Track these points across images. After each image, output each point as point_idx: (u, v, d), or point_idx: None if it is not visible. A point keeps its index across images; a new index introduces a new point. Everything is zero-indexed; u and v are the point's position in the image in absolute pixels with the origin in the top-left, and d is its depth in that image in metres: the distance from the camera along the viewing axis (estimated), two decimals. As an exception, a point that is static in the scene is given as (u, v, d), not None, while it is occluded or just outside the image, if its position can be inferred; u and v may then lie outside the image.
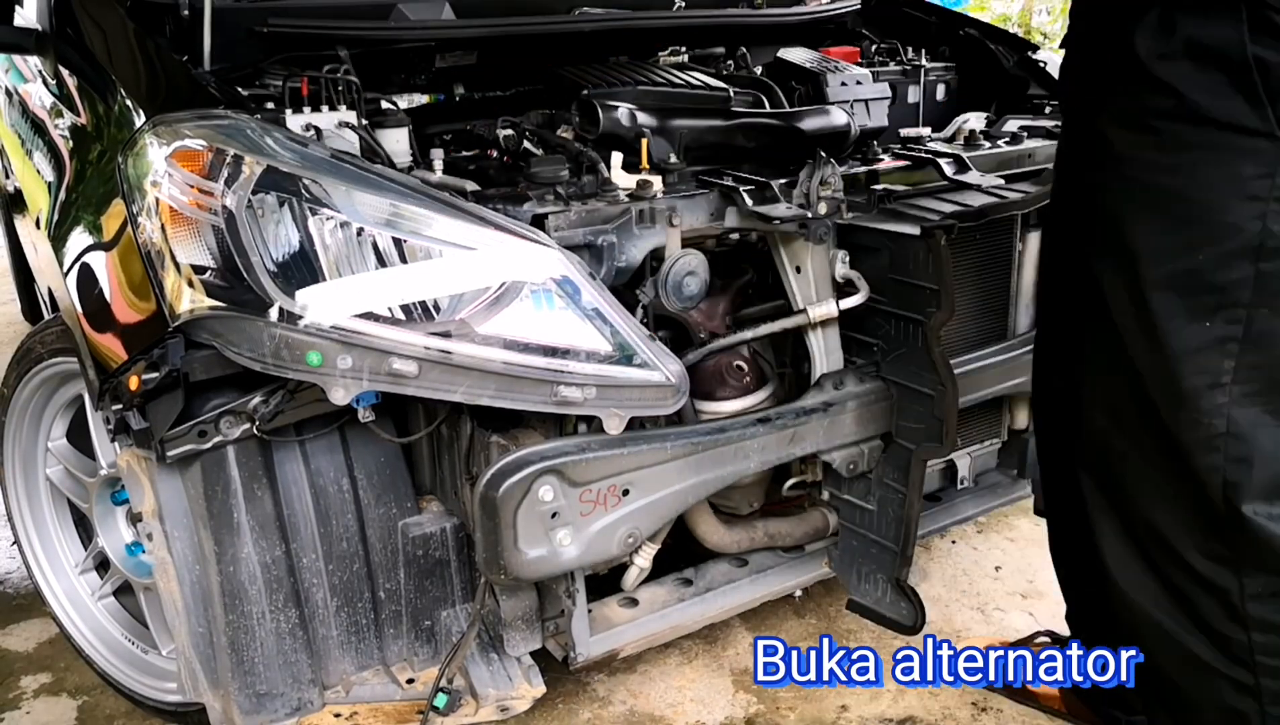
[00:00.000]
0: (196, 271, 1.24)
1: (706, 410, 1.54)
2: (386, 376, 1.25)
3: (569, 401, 1.31)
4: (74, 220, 1.49)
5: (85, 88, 1.58)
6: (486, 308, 1.27)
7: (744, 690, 1.86)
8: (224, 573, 1.38)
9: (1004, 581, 2.16)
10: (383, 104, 1.69)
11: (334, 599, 1.47)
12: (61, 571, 1.90)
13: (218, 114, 1.33)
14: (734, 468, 1.47)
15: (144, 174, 1.30)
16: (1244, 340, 1.03)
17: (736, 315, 1.62)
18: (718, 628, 2.01)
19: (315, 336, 1.22)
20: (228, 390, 1.34)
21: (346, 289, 1.24)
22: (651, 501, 1.41)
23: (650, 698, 1.84)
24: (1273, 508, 1.09)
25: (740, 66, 2.16)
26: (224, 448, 1.36)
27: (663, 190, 1.46)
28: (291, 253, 1.24)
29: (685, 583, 1.69)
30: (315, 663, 1.46)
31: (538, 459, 1.33)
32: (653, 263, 1.46)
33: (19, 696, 1.89)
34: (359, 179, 1.28)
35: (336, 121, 1.42)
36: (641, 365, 1.33)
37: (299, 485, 1.44)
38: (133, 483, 1.41)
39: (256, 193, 1.24)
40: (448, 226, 1.28)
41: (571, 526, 1.37)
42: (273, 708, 1.42)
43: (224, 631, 1.39)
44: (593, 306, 1.31)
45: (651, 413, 1.37)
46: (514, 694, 1.53)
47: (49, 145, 1.73)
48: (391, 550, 1.50)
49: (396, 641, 1.53)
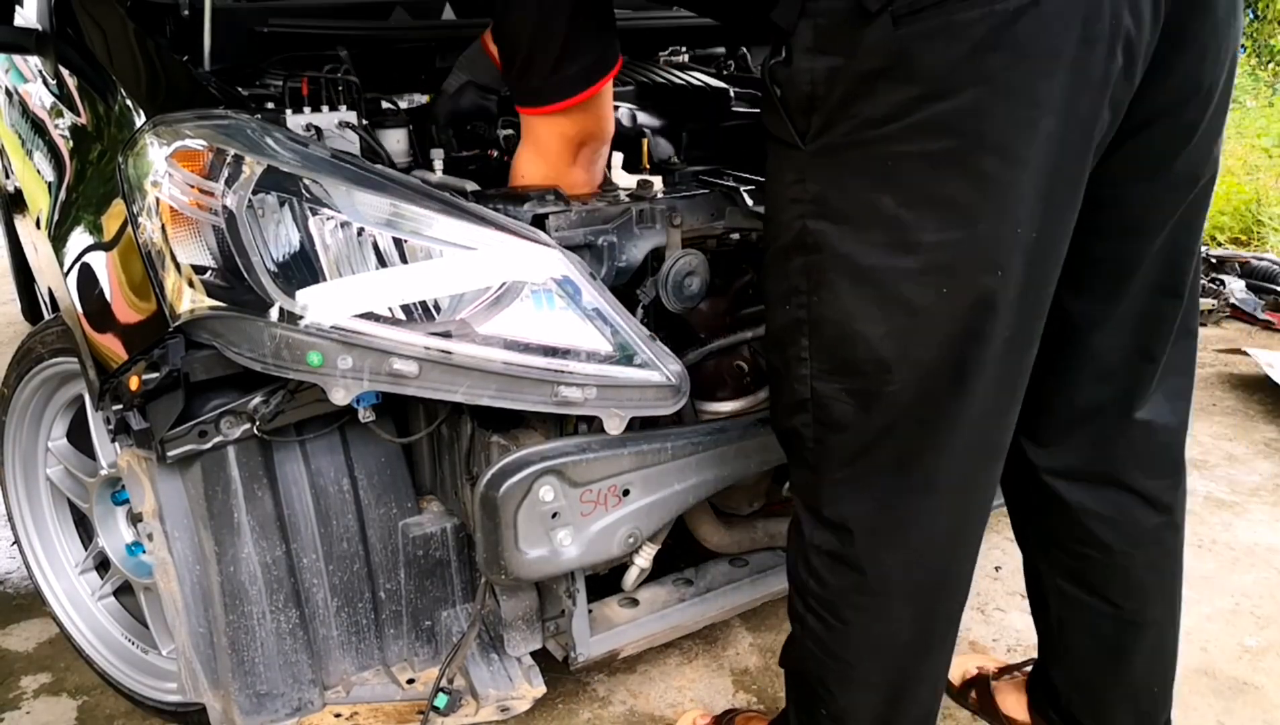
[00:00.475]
0: (197, 271, 1.24)
1: (707, 410, 1.54)
2: (387, 377, 1.25)
3: (569, 402, 1.31)
4: (74, 220, 1.49)
5: (85, 88, 1.58)
6: (487, 308, 1.27)
7: (744, 690, 1.86)
8: (224, 573, 1.38)
9: (1004, 581, 2.16)
10: (383, 104, 1.69)
11: (334, 599, 1.47)
12: (62, 571, 1.90)
13: (218, 114, 1.33)
14: (734, 468, 1.47)
15: (144, 174, 1.30)
16: (810, 322, 1.15)
17: (737, 315, 1.62)
18: (718, 628, 2.01)
19: (316, 336, 1.22)
20: (228, 390, 1.34)
21: (347, 289, 1.24)
22: (652, 502, 1.41)
23: (650, 698, 1.84)
24: (840, 473, 1.20)
25: (740, 66, 2.16)
26: (224, 448, 1.36)
27: (663, 190, 1.46)
28: (292, 253, 1.24)
29: (686, 583, 1.69)
30: (315, 663, 1.46)
31: (538, 459, 1.33)
32: (653, 263, 1.46)
33: (19, 696, 1.89)
34: (359, 179, 1.28)
35: (337, 121, 1.42)
36: (642, 365, 1.33)
37: (299, 485, 1.44)
38: (133, 483, 1.41)
39: (257, 193, 1.24)
40: (448, 226, 1.28)
41: (572, 527, 1.37)
42: (273, 708, 1.42)
43: (224, 632, 1.39)
44: (593, 306, 1.31)
45: (652, 413, 1.37)
46: (514, 694, 1.53)
47: (49, 145, 1.73)
48: (392, 550, 1.50)
49: (397, 642, 1.53)
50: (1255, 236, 4.86)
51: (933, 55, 0.99)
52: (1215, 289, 3.89)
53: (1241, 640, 1.98)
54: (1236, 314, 3.88)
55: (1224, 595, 2.13)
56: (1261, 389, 3.21)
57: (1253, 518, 2.45)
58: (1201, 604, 2.09)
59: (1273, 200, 5.03)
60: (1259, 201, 4.98)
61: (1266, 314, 3.83)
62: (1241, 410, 3.09)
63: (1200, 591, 2.13)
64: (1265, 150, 5.80)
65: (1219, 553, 2.29)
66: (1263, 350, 3.34)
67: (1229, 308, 3.88)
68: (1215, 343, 3.66)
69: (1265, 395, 3.17)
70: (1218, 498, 2.55)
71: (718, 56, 2.22)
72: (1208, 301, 3.83)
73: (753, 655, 1.96)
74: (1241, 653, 1.95)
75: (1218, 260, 4.13)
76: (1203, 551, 2.30)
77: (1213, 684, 1.86)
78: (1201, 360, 3.51)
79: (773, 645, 1.98)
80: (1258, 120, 6.40)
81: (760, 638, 2.00)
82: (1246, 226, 4.90)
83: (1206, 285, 3.89)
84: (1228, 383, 3.31)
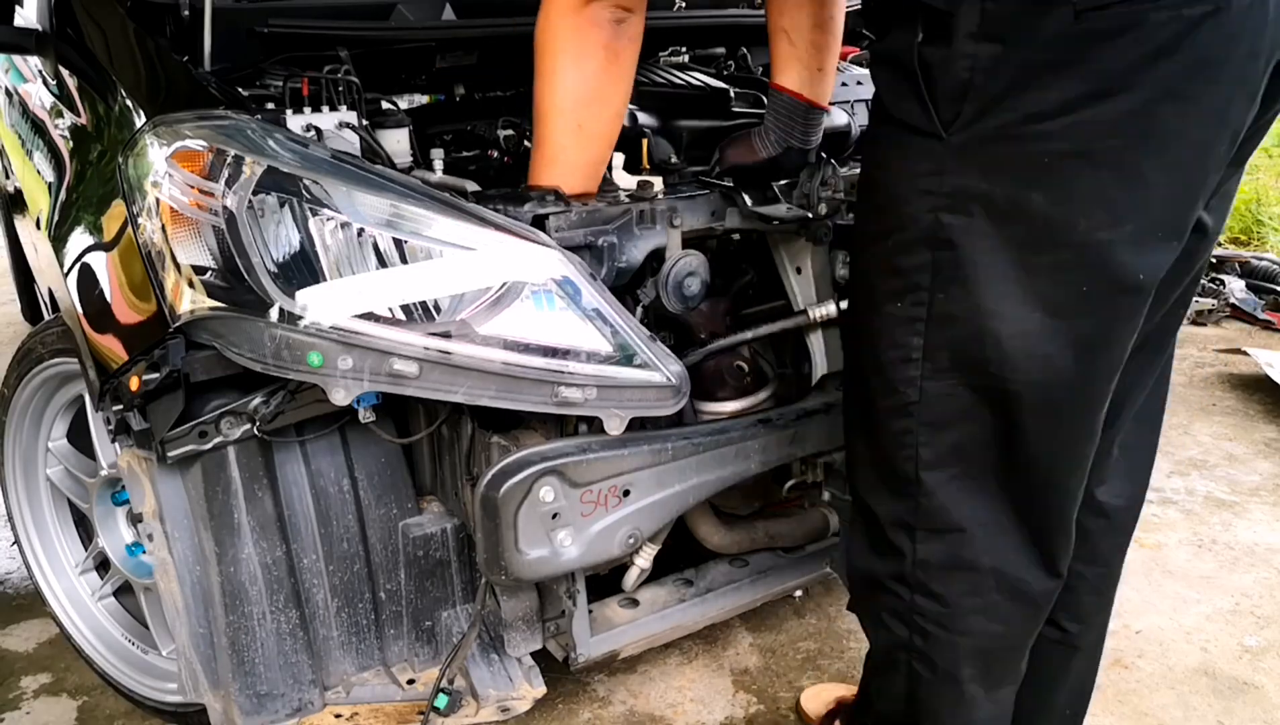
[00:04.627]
0: (197, 272, 1.24)
1: (707, 411, 1.54)
2: (387, 377, 1.25)
3: (570, 402, 1.31)
4: (74, 221, 1.49)
5: (85, 88, 1.58)
6: (487, 308, 1.27)
7: (744, 690, 1.86)
8: (224, 573, 1.38)
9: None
10: (383, 104, 1.69)
11: (334, 599, 1.47)
12: (62, 572, 1.90)
13: (218, 114, 1.33)
14: (735, 468, 1.47)
15: (144, 174, 1.30)
16: (928, 320, 1.12)
17: (737, 315, 1.62)
18: (718, 628, 2.01)
19: (316, 337, 1.22)
20: (228, 391, 1.33)
21: (347, 289, 1.24)
22: (652, 502, 1.41)
23: (650, 698, 1.84)
24: (946, 472, 1.17)
25: (741, 67, 2.15)
26: (225, 448, 1.36)
27: (663, 191, 1.46)
28: (292, 253, 1.24)
29: (686, 583, 1.69)
30: (316, 663, 1.46)
31: (539, 460, 1.33)
32: (653, 263, 1.46)
33: (19, 697, 1.89)
34: (360, 179, 1.28)
35: (337, 122, 1.42)
36: (642, 366, 1.33)
37: (299, 486, 1.43)
38: (133, 483, 1.41)
39: (257, 193, 1.23)
40: (448, 227, 1.28)
41: (572, 527, 1.37)
42: (273, 708, 1.42)
43: (224, 632, 1.39)
44: (593, 307, 1.31)
45: (652, 413, 1.37)
46: (515, 694, 1.53)
47: (49, 145, 1.73)
48: (392, 551, 1.50)
49: (397, 642, 1.53)
50: (1255, 236, 4.87)
51: (1113, 53, 0.97)
52: (1215, 289, 3.89)
53: (1241, 640, 1.98)
54: (1236, 314, 3.89)
55: (1224, 595, 2.13)
56: (1261, 389, 3.21)
57: (1253, 518, 2.45)
58: (1201, 604, 2.09)
59: (1273, 200, 5.03)
60: (1259, 201, 4.98)
61: (1266, 314, 3.83)
62: (1241, 410, 3.09)
63: (1200, 591, 2.13)
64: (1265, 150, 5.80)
65: (1219, 553, 2.29)
66: (1263, 350, 3.34)
67: (1229, 308, 3.88)
68: (1215, 343, 3.66)
69: (1265, 395, 3.17)
70: (1218, 498, 2.55)
71: (718, 56, 2.22)
72: (1208, 301, 3.83)
73: (753, 655, 1.96)
74: (1241, 653, 1.95)
75: (1218, 260, 4.13)
76: (1203, 551, 2.30)
77: (1213, 684, 1.86)
78: (1201, 360, 3.51)
79: (773, 645, 1.98)
80: (1258, 120, 6.39)
81: (760, 638, 2.00)
82: (1246, 226, 4.91)
83: (1206, 285, 3.90)
84: (1228, 383, 3.31)
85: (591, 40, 1.30)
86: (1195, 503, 2.52)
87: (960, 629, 1.22)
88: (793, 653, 1.96)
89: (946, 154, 1.06)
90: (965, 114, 1.04)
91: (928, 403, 1.14)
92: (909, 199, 1.10)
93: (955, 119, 1.04)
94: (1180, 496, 2.56)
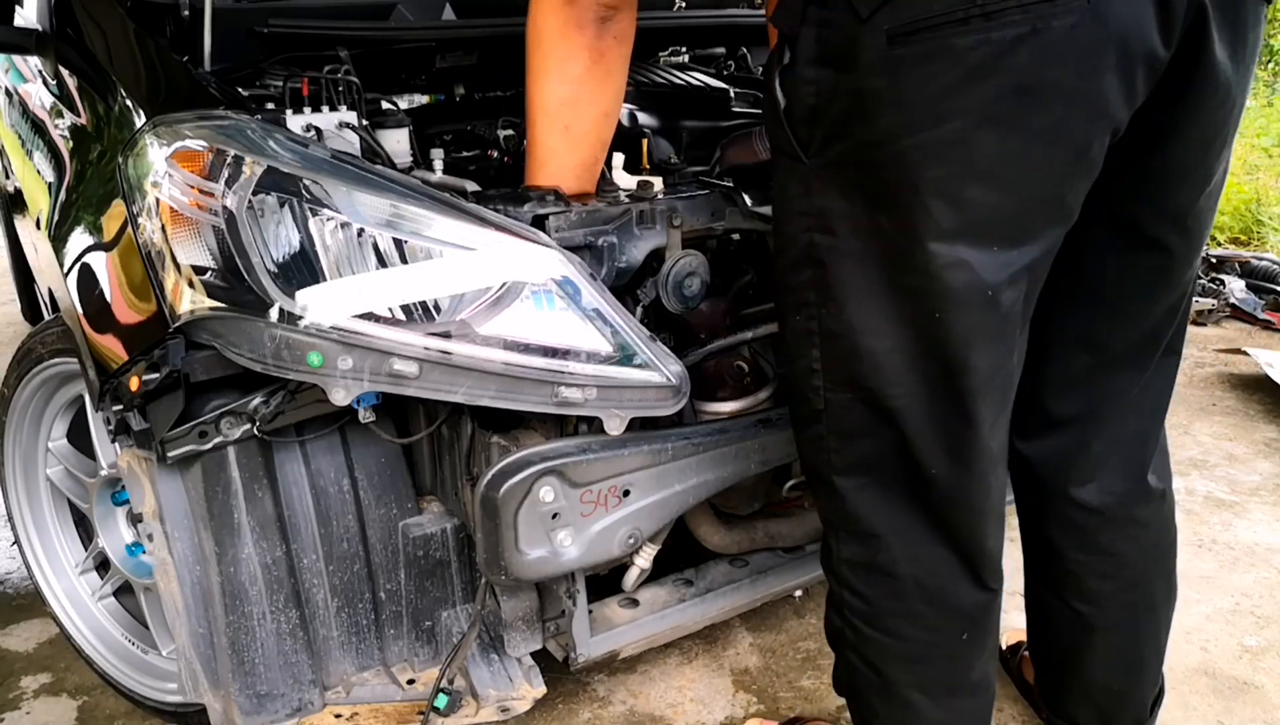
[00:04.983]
0: (197, 272, 1.24)
1: (707, 411, 1.54)
2: (387, 377, 1.25)
3: (570, 402, 1.31)
4: (74, 221, 1.49)
5: (85, 88, 1.58)
6: (487, 308, 1.27)
7: (744, 690, 1.86)
8: (224, 573, 1.38)
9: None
10: (383, 104, 1.69)
11: (334, 600, 1.47)
12: (62, 572, 1.90)
13: (218, 114, 1.33)
14: (735, 468, 1.47)
15: (144, 174, 1.30)
16: (820, 335, 1.15)
17: (737, 315, 1.62)
18: (718, 628, 2.01)
19: (316, 337, 1.22)
20: (228, 391, 1.33)
21: (347, 289, 1.24)
22: (652, 502, 1.41)
23: (650, 698, 1.84)
24: (857, 480, 1.20)
25: (741, 66, 2.16)
26: (224, 448, 1.36)
27: (663, 191, 1.46)
28: (292, 253, 1.24)
29: (686, 583, 1.69)
30: (316, 663, 1.46)
31: (539, 460, 1.33)
32: (653, 263, 1.46)
33: (19, 697, 1.89)
34: (360, 179, 1.28)
35: (337, 122, 1.42)
36: (642, 366, 1.33)
37: (299, 486, 1.43)
38: (133, 483, 1.41)
39: (257, 193, 1.23)
40: (448, 227, 1.28)
41: (572, 527, 1.37)
42: (273, 708, 1.42)
43: (224, 632, 1.39)
44: (593, 307, 1.31)
45: (652, 413, 1.37)
46: (515, 694, 1.53)
47: (49, 145, 1.73)
48: (392, 551, 1.50)
49: (397, 642, 1.53)
50: (1255, 236, 4.87)
51: (925, 80, 0.98)
52: (1215, 289, 3.89)
53: (1241, 640, 1.98)
54: (1236, 314, 3.88)
55: (1224, 595, 2.13)
56: (1261, 389, 3.21)
57: (1253, 518, 2.45)
58: (1201, 604, 2.09)
59: (1273, 200, 5.03)
60: (1259, 201, 4.98)
61: (1266, 314, 3.83)
62: (1241, 410, 3.09)
63: (1200, 591, 2.13)
64: (1265, 150, 5.81)
65: (1219, 552, 2.29)
66: (1263, 350, 3.34)
67: (1229, 308, 3.88)
68: (1215, 343, 3.66)
69: (1265, 395, 3.17)
70: (1218, 498, 2.55)
71: (718, 56, 2.22)
72: (1208, 301, 3.83)
73: (753, 655, 1.96)
74: (1241, 653, 1.95)
75: (1218, 260, 4.13)
76: (1203, 551, 2.30)
77: (1213, 684, 1.86)
78: (1201, 360, 3.51)
79: (773, 645, 1.98)
80: (1257, 120, 6.40)
81: (760, 638, 2.00)
82: (1246, 226, 4.91)
83: (1206, 285, 3.90)
84: (1228, 383, 3.31)
85: (575, 42, 1.31)
86: (1195, 502, 2.52)
87: (884, 630, 1.26)
88: (793, 653, 1.96)
89: (811, 176, 1.09)
90: (817, 138, 1.06)
91: (832, 413, 1.18)
92: (789, 219, 1.14)
93: (811, 143, 1.07)
94: (1180, 496, 2.56)
